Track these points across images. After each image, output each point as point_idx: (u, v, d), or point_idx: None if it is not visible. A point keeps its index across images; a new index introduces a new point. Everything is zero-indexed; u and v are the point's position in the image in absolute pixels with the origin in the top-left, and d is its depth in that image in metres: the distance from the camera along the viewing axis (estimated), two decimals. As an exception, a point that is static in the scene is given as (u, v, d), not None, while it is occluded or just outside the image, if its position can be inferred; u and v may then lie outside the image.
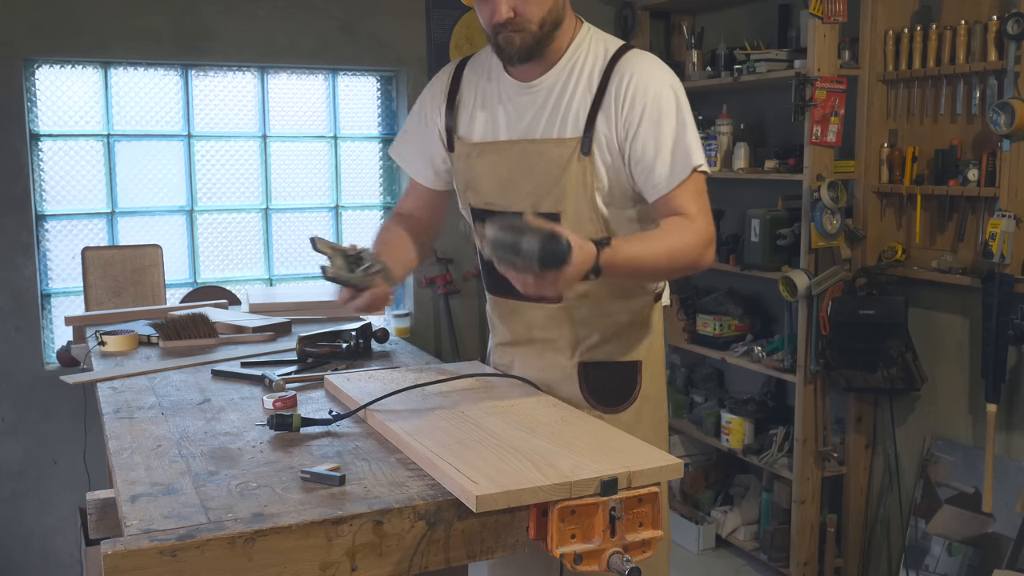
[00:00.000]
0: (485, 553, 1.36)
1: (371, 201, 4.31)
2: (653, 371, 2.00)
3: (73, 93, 3.72)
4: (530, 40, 1.80)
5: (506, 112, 1.92)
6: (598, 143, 1.82)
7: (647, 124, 1.80)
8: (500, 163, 1.90)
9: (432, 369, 2.08)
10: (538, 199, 1.86)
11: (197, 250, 3.97)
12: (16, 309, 3.57)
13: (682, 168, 1.80)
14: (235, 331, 2.56)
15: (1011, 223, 2.89)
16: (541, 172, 1.85)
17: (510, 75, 1.92)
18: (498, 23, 1.78)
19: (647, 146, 1.80)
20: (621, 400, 1.96)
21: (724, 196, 4.25)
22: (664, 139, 1.80)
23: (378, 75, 4.25)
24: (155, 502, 1.34)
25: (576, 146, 1.83)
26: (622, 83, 1.82)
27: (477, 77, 1.98)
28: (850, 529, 3.63)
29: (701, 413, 4.17)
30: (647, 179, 1.82)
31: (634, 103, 1.80)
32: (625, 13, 4.44)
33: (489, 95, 1.94)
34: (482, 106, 1.95)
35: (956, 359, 3.31)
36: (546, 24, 1.80)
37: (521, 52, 1.81)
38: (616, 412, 1.94)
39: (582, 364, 1.95)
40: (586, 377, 1.95)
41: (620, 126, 1.82)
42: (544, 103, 1.88)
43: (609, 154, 1.83)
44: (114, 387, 2.03)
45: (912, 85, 3.33)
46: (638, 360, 1.97)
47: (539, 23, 1.79)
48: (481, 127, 1.95)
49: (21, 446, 3.63)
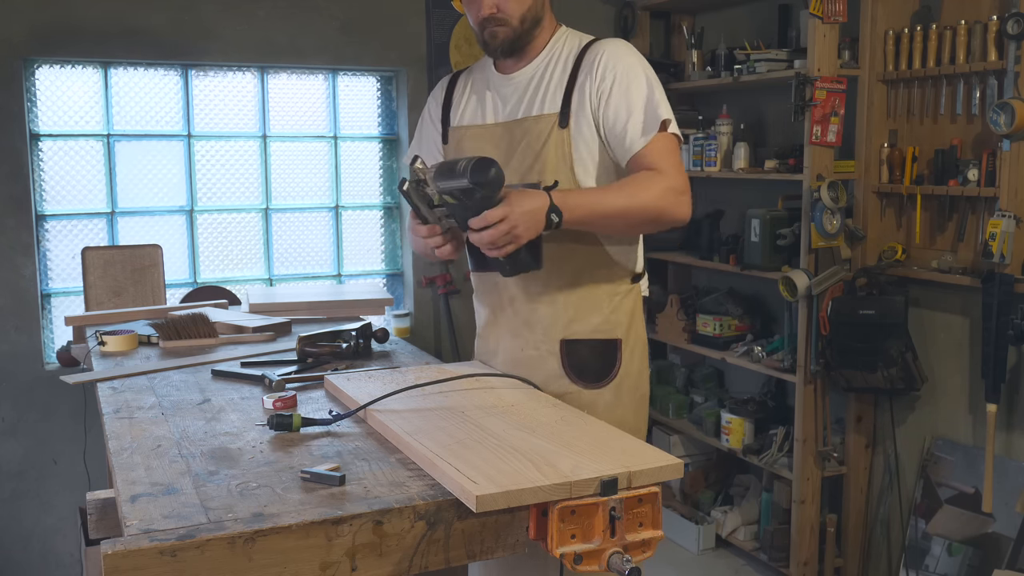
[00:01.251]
0: (485, 553, 1.36)
1: (371, 201, 4.31)
2: (634, 349, 2.08)
3: (73, 93, 3.72)
4: (511, 34, 1.99)
5: (492, 101, 2.10)
6: (575, 116, 1.97)
7: (617, 91, 1.94)
8: (487, 143, 2.07)
9: (432, 369, 2.08)
10: (523, 174, 2.00)
11: (197, 250, 3.97)
12: (16, 309, 3.57)
13: (651, 126, 1.91)
14: (235, 331, 2.56)
15: (1011, 223, 2.89)
16: (524, 147, 2.00)
17: (496, 70, 2.11)
18: (483, 18, 1.98)
19: (619, 111, 1.93)
20: (601, 377, 2.03)
21: (724, 196, 4.25)
22: (634, 103, 1.93)
23: (378, 75, 4.25)
24: (155, 502, 1.34)
25: (555, 120, 1.97)
26: (594, 61, 1.97)
27: (469, 78, 2.20)
28: (850, 529, 3.63)
29: (701, 413, 4.17)
30: (620, 143, 1.94)
31: (604, 75, 1.95)
32: (625, 13, 4.45)
33: (478, 88, 2.14)
34: (471, 98, 2.15)
35: (956, 359, 3.31)
36: (526, 20, 1.99)
37: (504, 45, 2.01)
38: (596, 388, 2.03)
39: (564, 341, 2.03)
40: (567, 354, 2.03)
41: (593, 96, 1.96)
42: (525, 90, 2.05)
43: (585, 126, 1.96)
44: (114, 387, 2.03)
45: (912, 85, 3.33)
46: (618, 338, 2.04)
47: (519, 19, 1.98)
48: (470, 114, 2.14)
49: (21, 446, 3.64)
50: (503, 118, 2.07)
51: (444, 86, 2.22)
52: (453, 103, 2.17)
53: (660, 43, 4.56)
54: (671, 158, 1.92)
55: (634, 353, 2.07)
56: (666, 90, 2.04)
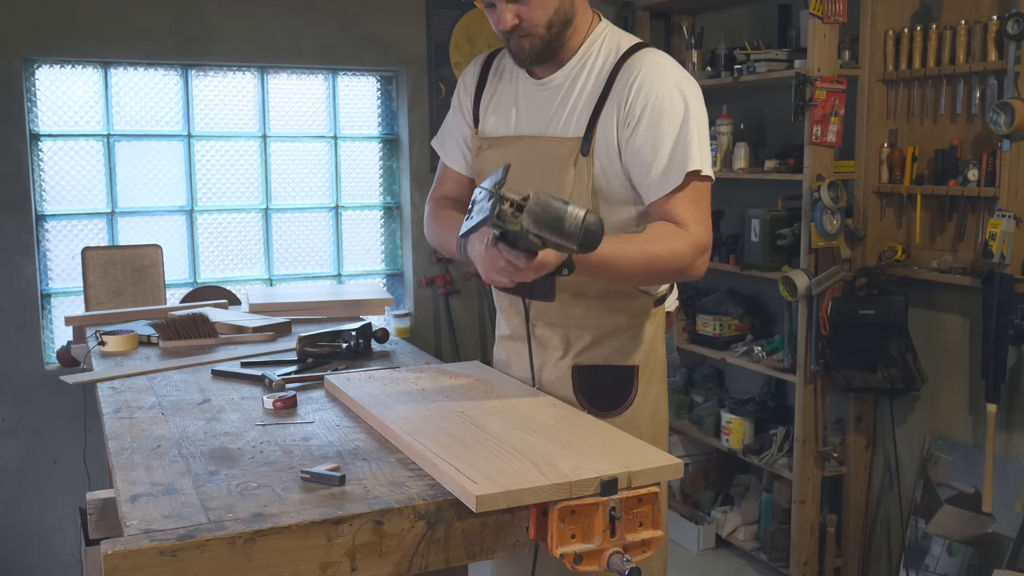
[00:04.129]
0: (485, 553, 1.36)
1: (371, 201, 4.31)
2: (652, 376, 1.97)
3: (73, 93, 3.72)
4: (539, 44, 1.80)
5: (518, 109, 1.93)
6: (597, 144, 1.81)
7: (645, 124, 1.77)
8: (506, 157, 1.90)
9: (432, 369, 2.08)
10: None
11: (197, 250, 3.97)
12: (16, 309, 3.57)
13: (677, 173, 1.75)
14: (235, 331, 2.56)
15: (1011, 223, 2.89)
16: (544, 168, 1.85)
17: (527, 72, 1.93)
18: (504, 30, 1.80)
19: (644, 147, 1.77)
20: (616, 405, 1.93)
21: (724, 196, 4.24)
22: (662, 141, 1.76)
23: (378, 75, 4.25)
24: (155, 502, 1.34)
25: (577, 146, 1.82)
26: (627, 82, 1.79)
27: (500, 71, 1.99)
28: (850, 529, 3.63)
29: (701, 413, 4.17)
30: (643, 180, 1.79)
31: (635, 102, 1.77)
32: (625, 13, 4.44)
33: (507, 91, 1.96)
34: (499, 101, 1.97)
35: (956, 359, 3.31)
36: (554, 25, 1.79)
37: (532, 56, 1.82)
38: (610, 416, 1.90)
39: (576, 367, 1.93)
40: (580, 380, 1.93)
41: (621, 125, 1.79)
42: (552, 100, 1.88)
43: (607, 155, 1.81)
44: (114, 387, 2.03)
45: (912, 85, 3.33)
46: (635, 365, 1.93)
47: (546, 25, 1.79)
48: (494, 121, 1.97)
49: (21, 446, 3.64)
50: (526, 130, 1.91)
51: (476, 73, 2.02)
52: (483, 101, 1.99)
53: (660, 43, 4.56)
54: (695, 208, 1.76)
55: (652, 379, 1.96)
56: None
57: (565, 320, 1.93)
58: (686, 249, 1.73)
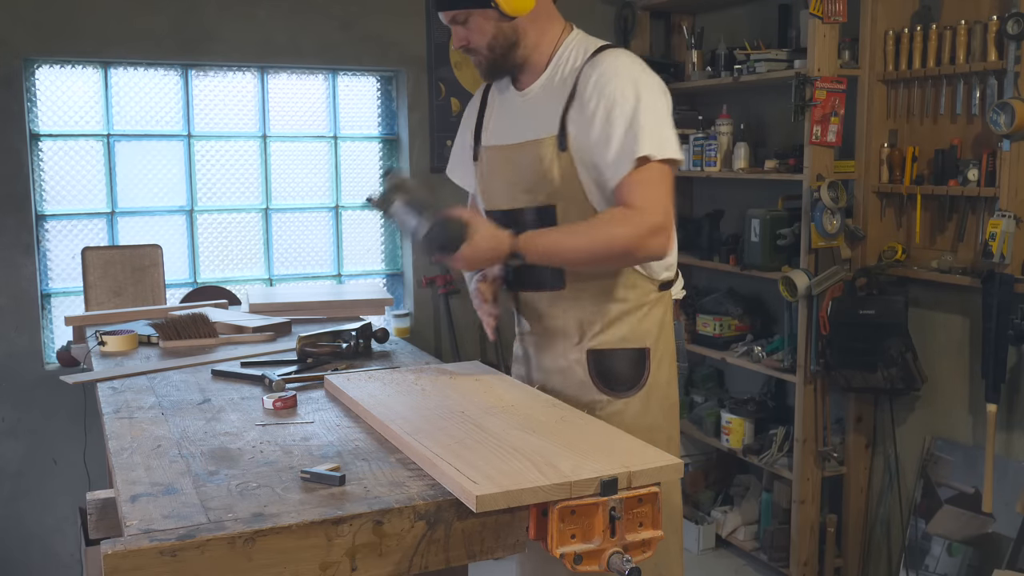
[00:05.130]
0: (485, 553, 1.36)
1: (371, 201, 4.31)
2: (663, 358, 2.06)
3: (73, 93, 3.72)
4: (485, 63, 2.00)
5: (506, 120, 2.08)
6: (572, 140, 1.92)
7: (600, 117, 1.87)
8: (497, 166, 2.06)
9: (432, 369, 2.08)
10: (533, 196, 1.98)
11: (197, 250, 3.97)
12: (16, 309, 3.57)
13: (628, 159, 1.84)
14: (235, 331, 2.56)
15: (1011, 223, 2.89)
16: (531, 171, 1.97)
17: (513, 85, 2.08)
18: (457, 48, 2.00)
19: (600, 139, 1.87)
20: (630, 386, 2.02)
21: (724, 196, 4.25)
22: (613, 131, 1.85)
23: (378, 75, 4.25)
24: (155, 502, 1.34)
25: (554, 144, 1.93)
26: (588, 80, 1.90)
27: (497, 91, 2.15)
28: (850, 529, 3.63)
29: (701, 413, 4.17)
30: (603, 172, 1.89)
31: (591, 98, 1.88)
32: (625, 13, 4.44)
33: (500, 106, 2.12)
34: (495, 116, 2.13)
35: (956, 359, 3.31)
36: (496, 48, 1.96)
37: (484, 71, 2.02)
38: (625, 397, 2.01)
39: (590, 351, 2.02)
40: (595, 364, 2.02)
41: (584, 121, 1.90)
42: (531, 108, 2.01)
43: (581, 150, 1.91)
44: (114, 387, 2.03)
45: (912, 85, 3.33)
46: (646, 347, 2.02)
47: (487, 48, 1.96)
48: (489, 135, 2.12)
49: (21, 446, 3.64)
50: (513, 139, 2.03)
51: (477, 103, 2.19)
52: (486, 114, 2.15)
53: (660, 43, 4.56)
54: (646, 190, 1.84)
55: (663, 361, 2.06)
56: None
57: (575, 309, 2.02)
58: (631, 232, 1.83)
